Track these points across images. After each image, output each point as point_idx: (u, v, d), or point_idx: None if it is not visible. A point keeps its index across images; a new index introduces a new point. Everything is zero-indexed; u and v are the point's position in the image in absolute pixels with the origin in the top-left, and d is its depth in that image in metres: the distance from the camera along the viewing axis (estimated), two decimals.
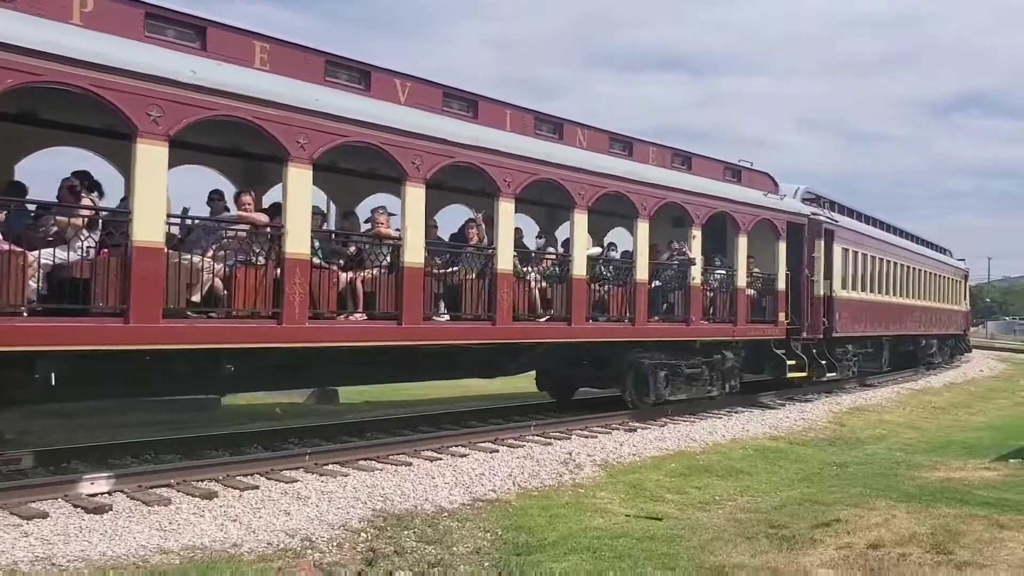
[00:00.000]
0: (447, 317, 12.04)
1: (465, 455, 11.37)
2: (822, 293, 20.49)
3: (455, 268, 12.44)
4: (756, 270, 18.26)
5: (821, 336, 20.30)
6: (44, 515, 7.72)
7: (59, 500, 8.23)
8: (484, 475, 10.29)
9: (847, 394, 21.82)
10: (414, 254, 11.18)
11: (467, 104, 12.33)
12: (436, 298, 11.99)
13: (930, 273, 32.21)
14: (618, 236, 17.24)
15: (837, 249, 21.61)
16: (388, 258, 11.34)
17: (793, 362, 18.92)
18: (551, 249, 14.72)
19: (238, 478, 9.44)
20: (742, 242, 17.38)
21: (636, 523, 8.67)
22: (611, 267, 15.16)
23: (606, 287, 14.84)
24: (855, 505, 9.16)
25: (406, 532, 7.99)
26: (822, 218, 20.82)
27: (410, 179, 11.01)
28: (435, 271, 12.05)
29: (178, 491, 8.81)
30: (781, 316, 18.57)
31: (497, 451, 11.75)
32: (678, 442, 13.38)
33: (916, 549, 7.45)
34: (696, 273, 16.04)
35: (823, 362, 20.30)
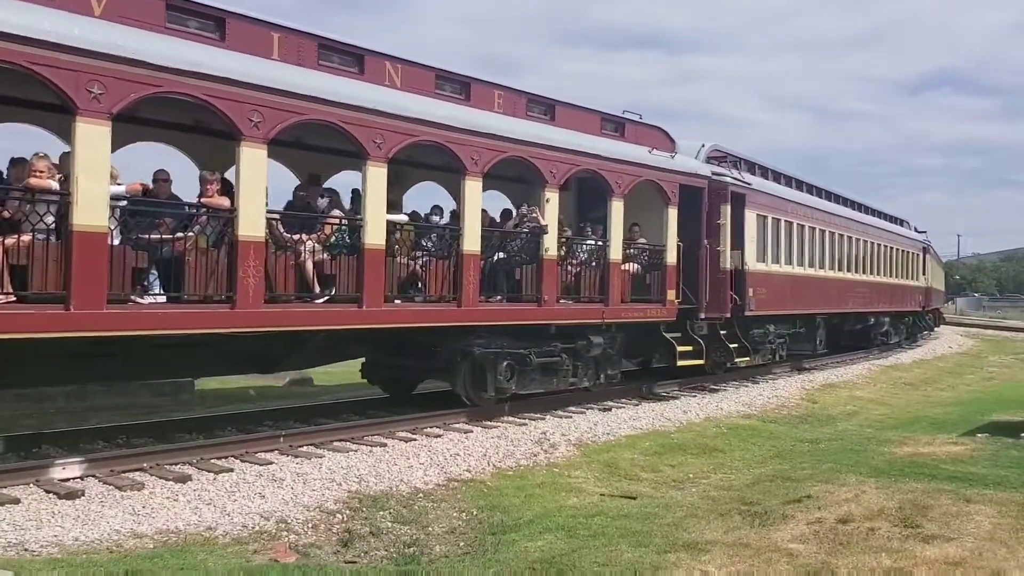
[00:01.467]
0: (163, 299, 9.38)
1: (440, 436, 11.39)
2: (730, 267, 17.76)
3: (189, 234, 9.60)
4: (642, 240, 15.88)
5: (728, 316, 17.69)
6: (16, 501, 7.67)
7: (31, 485, 8.18)
8: (459, 455, 10.33)
9: (819, 371, 22.04)
10: (90, 214, 8.36)
11: (209, 23, 9.64)
12: (138, 273, 9.26)
13: (880, 245, 29.25)
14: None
15: (750, 216, 18.75)
16: (50, 220, 8.54)
17: (688, 347, 16.65)
18: (337, 212, 11.49)
19: (212, 461, 9.41)
20: (617, 207, 14.77)
21: (610, 502, 8.76)
22: (432, 236, 12.57)
23: (423, 260, 12.25)
24: (826, 481, 9.28)
25: (381, 513, 8.01)
26: (728, 179, 17.89)
27: (83, 113, 8.26)
28: (140, 238, 9.28)
29: (151, 475, 8.78)
30: (671, 294, 15.99)
31: (472, 431, 11.79)
32: (652, 421, 13.48)
33: (884, 523, 7.57)
34: (550, 243, 13.39)
35: (734, 346, 17.94)
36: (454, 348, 12.65)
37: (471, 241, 12.30)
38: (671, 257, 16.06)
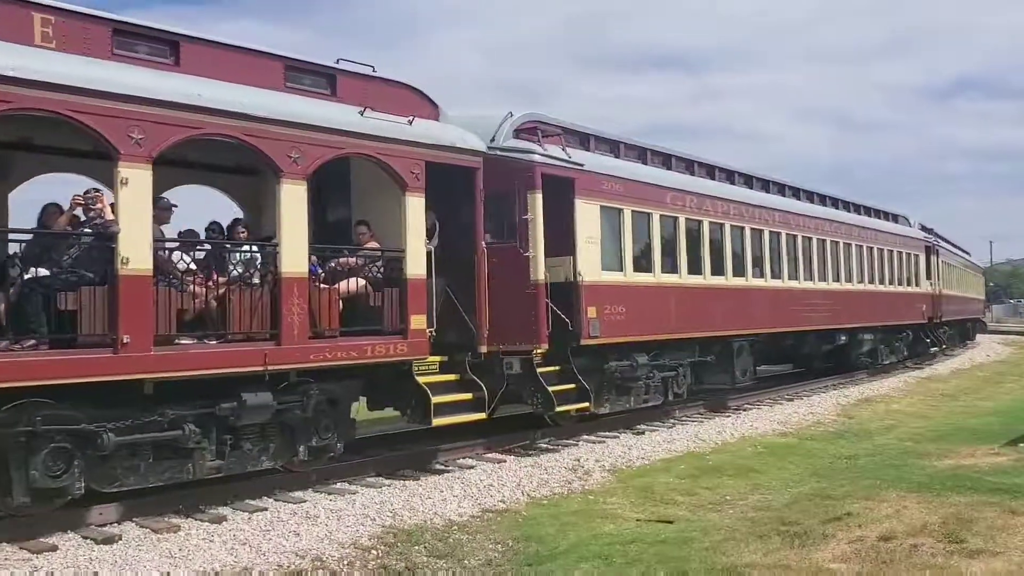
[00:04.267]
0: None
1: (472, 467, 11.37)
2: (544, 278, 12.58)
3: None
4: (372, 245, 11.12)
5: (542, 348, 12.54)
6: (53, 548, 7.71)
7: (68, 532, 8.22)
8: (492, 486, 10.29)
9: (855, 385, 21.80)
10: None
11: None
12: None
13: (852, 245, 23.74)
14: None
15: (587, 208, 13.67)
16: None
17: (464, 395, 11.67)
18: None
19: (247, 501, 9.43)
20: (292, 194, 9.68)
21: (647, 527, 8.65)
22: None
23: None
24: (866, 498, 9.14)
25: (416, 547, 7.97)
26: (536, 157, 12.80)
27: None
28: None
29: (187, 517, 8.81)
30: (416, 321, 10.85)
31: (504, 461, 11.75)
32: (687, 443, 13.37)
33: (928, 539, 7.43)
34: (132, 252, 8.38)
35: (561, 388, 12.91)
36: None
37: None
38: (414, 267, 10.92)
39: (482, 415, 11.89)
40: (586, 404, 13.47)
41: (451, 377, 11.74)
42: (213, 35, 9.93)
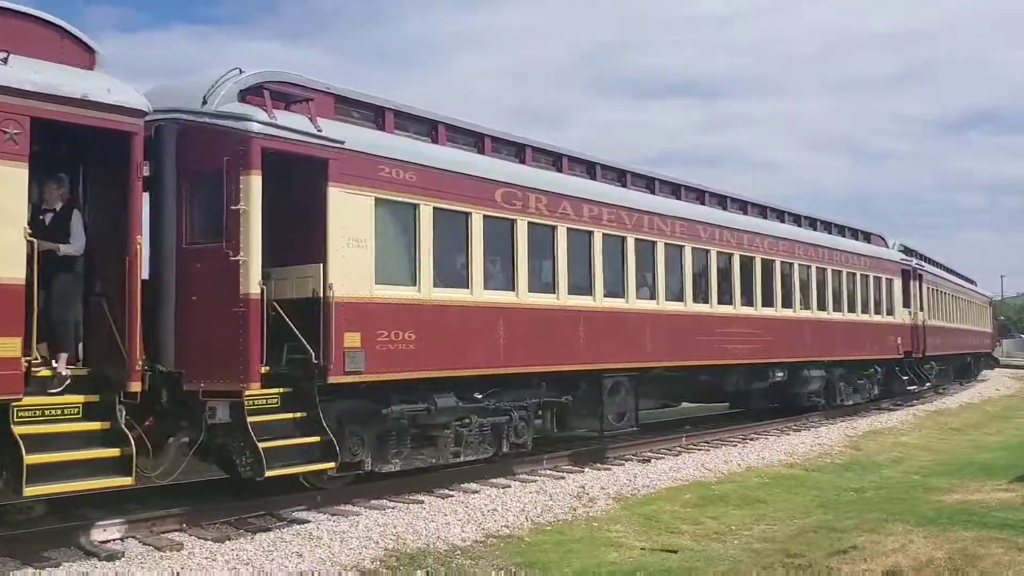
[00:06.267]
0: None
1: (477, 491, 11.32)
2: (258, 292, 9.18)
3: None
4: None
5: (252, 389, 9.18)
6: (56, 564, 7.70)
7: (71, 548, 8.21)
8: (496, 511, 10.25)
9: (863, 417, 21.69)
10: None
11: None
12: None
13: (795, 265, 19.96)
14: None
15: (348, 199, 10.10)
16: None
17: (109, 451, 8.21)
18: None
19: (249, 520, 9.42)
20: None
21: (651, 556, 8.61)
22: None
23: None
24: (872, 531, 9.08)
25: (419, 572, 7.94)
26: (253, 127, 9.34)
27: None
28: None
29: (190, 535, 8.80)
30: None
31: (509, 486, 11.70)
32: (693, 472, 13.30)
33: (933, 574, 7.37)
34: None
35: (299, 443, 9.60)
36: None
37: None
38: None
39: (127, 480, 8.33)
40: (331, 464, 9.89)
41: (92, 426, 8.32)
42: None
